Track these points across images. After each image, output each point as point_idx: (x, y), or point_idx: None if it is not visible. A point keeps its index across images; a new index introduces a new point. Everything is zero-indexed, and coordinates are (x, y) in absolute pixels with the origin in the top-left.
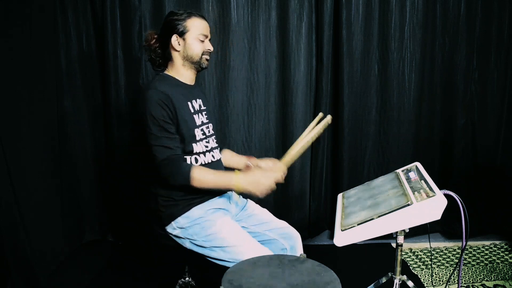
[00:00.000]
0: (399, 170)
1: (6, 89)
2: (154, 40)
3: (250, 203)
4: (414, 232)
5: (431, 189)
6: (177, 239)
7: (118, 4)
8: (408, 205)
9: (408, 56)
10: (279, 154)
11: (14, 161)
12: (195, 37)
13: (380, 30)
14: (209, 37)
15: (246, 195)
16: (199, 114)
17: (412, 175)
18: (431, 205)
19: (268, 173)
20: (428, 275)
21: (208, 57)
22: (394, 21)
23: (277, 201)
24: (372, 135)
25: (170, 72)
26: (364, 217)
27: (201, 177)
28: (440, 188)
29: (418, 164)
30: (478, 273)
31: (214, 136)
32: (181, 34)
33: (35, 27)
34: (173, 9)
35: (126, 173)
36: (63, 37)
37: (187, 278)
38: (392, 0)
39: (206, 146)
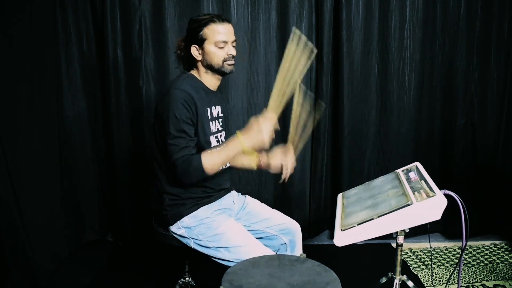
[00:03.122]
0: (399, 170)
1: (6, 89)
2: (181, 48)
3: (249, 199)
4: (414, 232)
5: (431, 189)
6: (181, 239)
7: (118, 4)
8: (408, 205)
9: (408, 56)
10: None
11: (14, 161)
12: (213, 45)
13: (380, 30)
14: (230, 41)
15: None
16: (215, 121)
17: (412, 175)
18: (431, 205)
19: (261, 118)
20: (428, 275)
21: (230, 62)
22: (394, 21)
23: (277, 201)
24: (372, 135)
25: (196, 74)
26: (364, 217)
27: (212, 161)
28: (440, 188)
29: (418, 164)
30: (478, 273)
31: None
32: (200, 44)
33: (35, 27)
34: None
35: (126, 173)
36: (63, 37)
37: (187, 278)
38: (392, 0)
39: None
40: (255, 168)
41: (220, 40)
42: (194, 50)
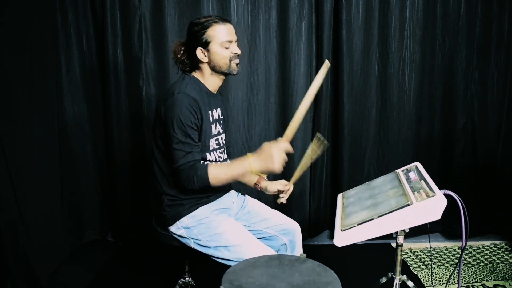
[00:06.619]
0: (399, 170)
1: (6, 89)
2: (181, 52)
3: (249, 199)
4: (414, 232)
5: (431, 189)
6: (181, 239)
7: (118, 4)
8: (408, 205)
9: (408, 56)
10: None
11: (14, 161)
12: (219, 45)
13: (380, 30)
14: (234, 40)
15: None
16: (216, 123)
17: (412, 175)
18: (431, 205)
19: (275, 145)
20: (428, 275)
21: (237, 61)
22: (394, 21)
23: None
24: (372, 135)
25: (198, 76)
26: (364, 217)
27: (217, 175)
28: (440, 188)
29: (418, 164)
30: (478, 273)
31: (226, 147)
32: (205, 46)
33: (35, 27)
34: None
35: (126, 173)
36: (63, 37)
37: (187, 278)
38: (392, 0)
39: (220, 157)
40: (251, 185)
41: (225, 40)
42: (200, 53)
